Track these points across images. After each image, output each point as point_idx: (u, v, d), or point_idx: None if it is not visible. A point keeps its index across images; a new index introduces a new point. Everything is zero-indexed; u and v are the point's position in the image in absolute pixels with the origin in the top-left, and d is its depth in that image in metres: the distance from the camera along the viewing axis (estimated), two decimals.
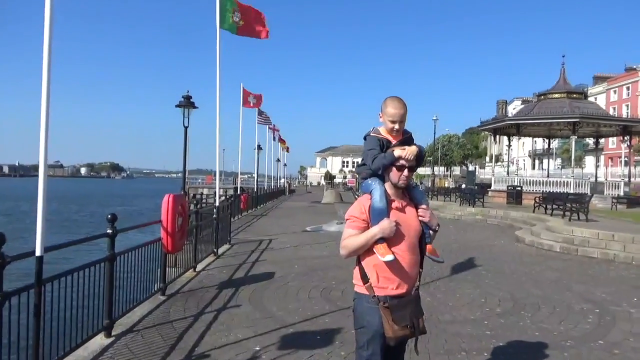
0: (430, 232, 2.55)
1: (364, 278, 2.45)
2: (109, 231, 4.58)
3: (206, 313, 5.51)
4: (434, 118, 47.47)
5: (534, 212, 16.88)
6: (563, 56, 29.02)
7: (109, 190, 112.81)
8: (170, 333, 4.78)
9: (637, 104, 61.46)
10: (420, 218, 2.52)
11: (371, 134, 2.58)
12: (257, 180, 29.66)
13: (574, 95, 28.35)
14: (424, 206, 2.54)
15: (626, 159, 29.21)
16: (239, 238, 12.60)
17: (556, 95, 28.32)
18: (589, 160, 61.30)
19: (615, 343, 4.76)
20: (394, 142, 2.51)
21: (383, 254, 2.33)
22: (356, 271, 2.52)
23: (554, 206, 15.51)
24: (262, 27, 10.42)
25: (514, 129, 28.11)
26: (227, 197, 16.35)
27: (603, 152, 57.59)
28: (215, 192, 11.68)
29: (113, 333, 4.64)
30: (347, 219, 2.50)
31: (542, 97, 29.43)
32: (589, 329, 5.22)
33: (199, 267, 8.23)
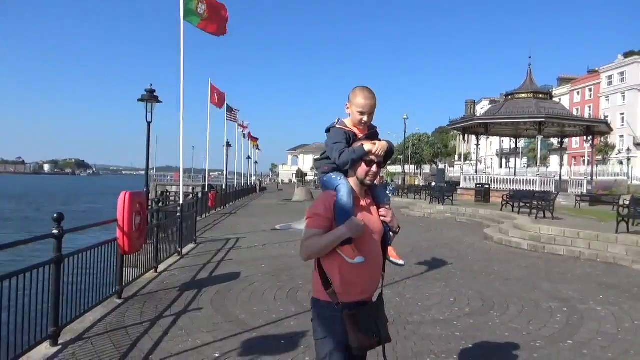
0: (391, 233, 2.38)
1: (326, 284, 2.21)
2: (55, 232, 4.22)
3: (165, 317, 5.20)
4: (405, 117, 47.84)
5: (501, 210, 17.08)
6: (529, 57, 29.58)
7: (71, 188, 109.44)
8: (124, 340, 4.46)
9: (599, 105, 63.55)
10: (382, 218, 2.32)
11: (337, 126, 2.35)
12: (226, 178, 29.10)
13: (540, 96, 28.97)
14: (387, 206, 2.37)
15: (589, 158, 30.02)
16: (206, 237, 12.24)
17: (523, 96, 28.89)
18: (554, 159, 63.11)
19: (584, 343, 4.70)
20: (360, 135, 2.32)
21: (352, 256, 2.13)
22: (316, 276, 2.28)
23: (521, 204, 15.71)
24: (223, 23, 10.18)
25: (483, 128, 28.53)
26: (194, 194, 15.88)
27: (567, 152, 59.32)
28: (188, 189, 11.29)
29: (60, 341, 4.29)
30: (308, 217, 2.26)
31: (509, 97, 29.96)
32: (557, 329, 5.16)
33: (161, 267, 7.87)
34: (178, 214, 9.40)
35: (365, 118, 2.28)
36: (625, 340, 4.81)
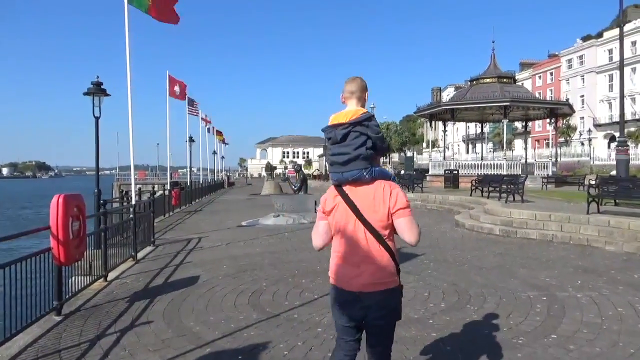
0: None
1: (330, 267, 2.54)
2: None
3: (107, 335, 4.59)
4: (372, 106, 47.59)
5: (471, 195, 16.94)
6: (493, 42, 29.59)
7: (31, 190, 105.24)
8: None
9: (560, 89, 64.94)
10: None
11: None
12: (190, 174, 28.12)
13: (504, 80, 29.17)
14: None
15: (552, 140, 30.44)
16: (166, 238, 11.55)
17: (487, 80, 29.00)
18: (518, 143, 64.29)
19: (569, 337, 4.36)
20: None
21: None
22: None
23: (490, 188, 15.58)
24: (173, 10, 9.49)
25: (449, 114, 28.49)
26: (153, 193, 15.07)
27: (530, 135, 60.49)
28: (151, 188, 10.52)
29: None
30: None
31: (474, 82, 30.02)
32: (539, 321, 4.81)
33: (112, 275, 7.20)
34: (131, 216, 8.70)
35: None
36: (611, 331, 4.49)
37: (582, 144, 57.98)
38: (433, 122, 32.77)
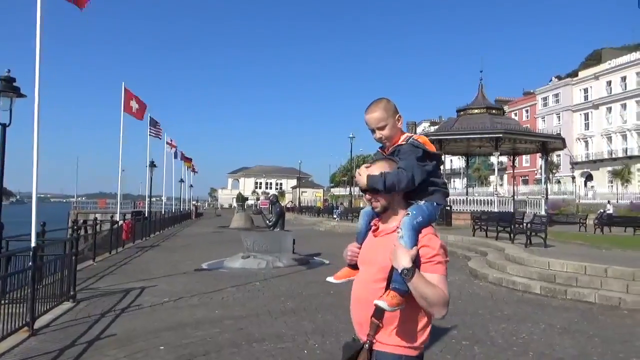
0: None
1: None
2: None
3: None
4: (351, 136, 45.75)
5: (474, 235, 14.64)
6: (481, 71, 28.42)
7: None
8: None
9: (536, 126, 64.84)
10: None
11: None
12: (149, 203, 25.01)
13: (494, 111, 27.67)
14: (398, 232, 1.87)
15: (544, 176, 28.84)
16: (98, 287, 8.73)
17: (476, 111, 27.40)
18: (493, 179, 63.43)
19: None
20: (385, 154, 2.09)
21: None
22: None
23: (499, 228, 13.32)
24: None
25: (437, 146, 26.55)
26: (86, 226, 12.16)
27: (506, 172, 59.73)
28: (109, 217, 7.70)
29: None
30: None
31: (461, 112, 28.34)
32: None
33: None
34: (29, 263, 5.92)
35: (375, 135, 2.05)
36: None
37: (559, 181, 57.43)
38: None
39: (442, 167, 2.30)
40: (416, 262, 1.77)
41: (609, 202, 31.44)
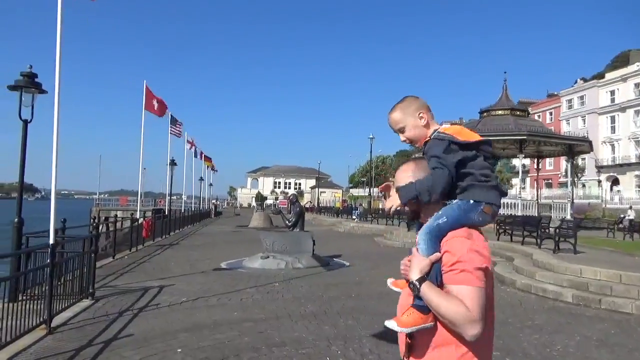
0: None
1: None
2: None
3: None
4: (370, 136, 45.42)
5: (498, 239, 14.24)
6: (505, 72, 27.63)
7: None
8: None
9: (560, 129, 63.44)
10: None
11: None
12: (169, 201, 25.11)
13: (518, 113, 27.02)
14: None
15: (570, 179, 28.05)
16: (116, 285, 8.67)
17: (500, 112, 26.81)
18: (515, 182, 62.25)
19: None
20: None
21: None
22: None
23: (525, 233, 12.90)
24: None
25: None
26: (108, 223, 12.17)
27: (528, 175, 58.54)
28: (130, 215, 7.67)
29: None
30: None
31: (484, 113, 27.79)
32: None
33: None
34: (48, 260, 5.85)
35: (400, 137, 1.85)
36: None
37: (583, 185, 56.07)
38: None
39: (490, 155, 1.72)
40: (435, 272, 1.55)
41: (630, 207, 30.49)
